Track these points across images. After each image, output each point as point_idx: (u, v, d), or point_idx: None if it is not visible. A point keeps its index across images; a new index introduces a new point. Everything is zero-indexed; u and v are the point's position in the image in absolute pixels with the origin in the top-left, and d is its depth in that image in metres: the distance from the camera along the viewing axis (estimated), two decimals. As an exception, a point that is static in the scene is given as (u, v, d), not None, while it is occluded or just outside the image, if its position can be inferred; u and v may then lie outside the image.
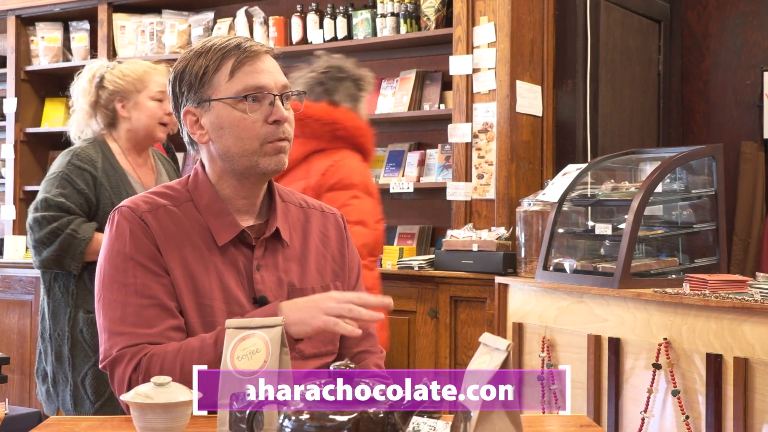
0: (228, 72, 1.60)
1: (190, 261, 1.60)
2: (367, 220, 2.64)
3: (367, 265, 2.69)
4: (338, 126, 2.68)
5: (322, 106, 2.72)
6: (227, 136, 1.62)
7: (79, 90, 2.77)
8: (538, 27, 4.07)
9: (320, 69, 2.78)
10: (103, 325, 1.59)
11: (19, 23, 5.24)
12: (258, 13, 4.71)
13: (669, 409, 2.79)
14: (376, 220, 2.74)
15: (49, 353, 2.62)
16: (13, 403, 4.18)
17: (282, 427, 1.08)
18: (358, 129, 2.72)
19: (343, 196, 2.60)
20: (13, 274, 4.60)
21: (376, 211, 2.73)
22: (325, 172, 2.64)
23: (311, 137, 2.69)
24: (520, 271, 3.63)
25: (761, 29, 4.77)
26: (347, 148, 2.72)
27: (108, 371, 1.57)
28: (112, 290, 1.58)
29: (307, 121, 2.66)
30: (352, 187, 2.63)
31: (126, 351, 1.54)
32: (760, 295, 2.66)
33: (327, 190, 2.62)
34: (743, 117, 4.79)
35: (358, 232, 2.57)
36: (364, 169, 2.73)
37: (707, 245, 3.39)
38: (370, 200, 2.68)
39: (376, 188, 2.77)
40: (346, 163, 2.67)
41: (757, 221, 4.64)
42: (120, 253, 1.59)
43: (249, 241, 1.65)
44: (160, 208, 1.64)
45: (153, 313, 1.56)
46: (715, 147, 3.32)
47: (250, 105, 1.60)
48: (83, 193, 2.59)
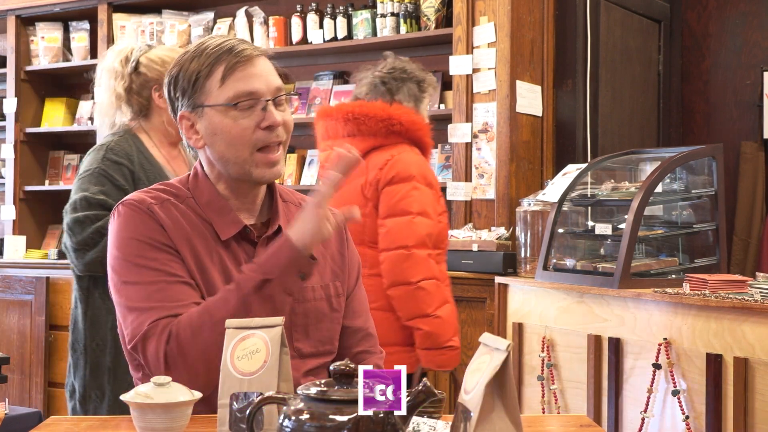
0: (219, 78, 1.60)
1: (198, 250, 1.60)
2: (428, 211, 2.67)
3: (434, 257, 2.71)
4: (394, 121, 2.72)
5: (377, 104, 2.77)
6: (220, 143, 1.62)
7: (108, 72, 2.57)
8: (538, 27, 4.07)
9: (385, 69, 2.85)
10: (128, 307, 1.56)
11: (19, 23, 5.24)
12: (258, 13, 4.71)
13: (669, 409, 2.79)
14: (439, 212, 2.77)
15: (80, 366, 2.43)
16: (13, 403, 4.18)
17: (282, 427, 1.08)
18: (413, 123, 2.75)
19: (402, 189, 2.65)
20: (13, 274, 4.60)
21: (437, 202, 2.76)
22: (383, 167, 2.68)
23: (368, 134, 2.73)
24: (520, 271, 3.63)
25: (761, 29, 4.77)
26: (404, 143, 2.75)
27: (140, 349, 1.53)
28: (132, 274, 1.56)
29: (363, 119, 2.72)
30: (411, 179, 2.65)
31: (158, 323, 1.52)
32: (760, 295, 2.66)
33: (386, 184, 2.66)
34: (743, 117, 4.79)
35: (420, 222, 2.62)
36: (422, 161, 2.75)
37: (707, 245, 3.39)
38: (430, 191, 2.70)
39: (436, 181, 2.80)
40: (403, 156, 2.70)
41: (757, 221, 4.64)
42: (132, 239, 1.58)
43: (251, 237, 1.65)
44: (165, 201, 1.63)
45: (180, 289, 1.55)
46: (715, 147, 3.32)
47: (242, 112, 1.60)
48: (123, 189, 2.40)
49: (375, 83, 2.83)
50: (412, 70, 2.87)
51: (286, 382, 1.33)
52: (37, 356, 4.41)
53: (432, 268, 2.63)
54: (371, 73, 2.87)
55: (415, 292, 2.59)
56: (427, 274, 2.61)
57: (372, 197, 2.69)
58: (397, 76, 2.83)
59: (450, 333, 2.60)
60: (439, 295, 2.62)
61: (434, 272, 2.63)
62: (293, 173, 4.63)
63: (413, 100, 2.84)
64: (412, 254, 2.60)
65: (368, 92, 2.84)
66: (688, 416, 2.70)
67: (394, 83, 2.82)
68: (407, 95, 2.82)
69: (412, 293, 2.59)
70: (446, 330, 2.59)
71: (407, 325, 2.62)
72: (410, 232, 2.61)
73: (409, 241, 2.61)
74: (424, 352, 2.59)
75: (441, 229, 2.76)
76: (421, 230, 2.62)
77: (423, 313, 2.59)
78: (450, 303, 2.66)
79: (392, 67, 2.86)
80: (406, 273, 2.60)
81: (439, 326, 2.59)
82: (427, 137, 2.81)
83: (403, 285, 2.60)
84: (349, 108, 2.78)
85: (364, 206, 2.68)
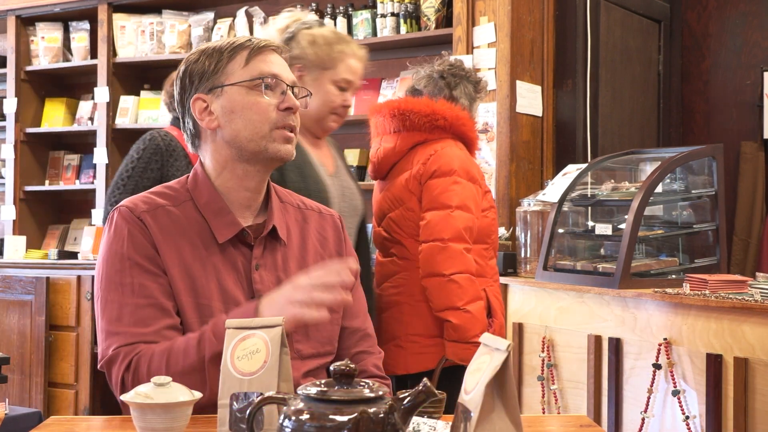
0: (243, 60, 1.65)
1: (189, 261, 1.61)
2: (469, 205, 2.66)
3: (477, 251, 2.70)
4: (438, 116, 2.74)
5: (423, 100, 2.80)
6: (238, 120, 1.64)
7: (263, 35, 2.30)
8: (538, 27, 4.07)
9: (444, 65, 2.88)
10: (101, 326, 1.60)
11: (19, 23, 5.24)
12: (258, 13, 4.71)
13: (669, 409, 2.79)
14: (485, 207, 2.76)
15: None
16: (13, 403, 4.18)
17: (282, 427, 1.08)
18: (458, 119, 2.76)
19: (443, 182, 2.66)
20: (13, 274, 4.60)
21: (482, 198, 2.76)
22: (426, 161, 2.70)
23: (413, 130, 2.76)
24: (520, 271, 3.63)
25: (761, 29, 4.77)
26: (448, 138, 2.76)
27: (105, 371, 1.58)
28: (110, 290, 1.59)
29: (408, 115, 2.75)
30: (452, 173, 2.66)
31: (120, 350, 1.55)
32: (760, 295, 2.66)
33: (429, 178, 2.68)
34: (743, 117, 4.79)
35: (458, 216, 2.62)
36: (465, 156, 2.75)
37: (707, 245, 3.39)
38: (473, 186, 2.70)
39: (481, 176, 2.79)
40: (446, 151, 2.71)
41: (757, 221, 4.64)
42: (117, 253, 1.60)
43: (248, 240, 1.65)
44: (159, 208, 1.64)
45: (149, 312, 1.57)
46: (715, 147, 3.32)
47: (265, 90, 1.64)
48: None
49: (434, 77, 2.86)
50: (469, 70, 2.91)
51: (286, 382, 1.33)
52: (37, 356, 4.41)
53: (467, 262, 2.62)
54: (430, 67, 2.90)
55: (447, 285, 2.59)
56: (460, 267, 2.60)
57: (416, 191, 2.71)
58: (456, 73, 2.86)
59: (478, 329, 2.59)
60: (472, 290, 2.61)
61: (469, 266, 2.62)
62: (293, 173, 4.63)
63: (468, 99, 2.86)
64: (447, 247, 2.60)
65: (426, 85, 2.86)
66: (688, 416, 2.70)
67: (452, 79, 2.85)
68: (464, 93, 2.85)
69: (444, 285, 2.59)
70: (474, 325, 2.59)
71: (438, 316, 2.63)
72: (447, 225, 2.62)
73: (445, 234, 2.61)
74: (450, 344, 2.60)
75: (487, 224, 2.76)
76: (458, 224, 2.62)
77: (453, 305, 2.59)
78: (482, 300, 2.65)
79: (451, 63, 2.90)
80: (440, 265, 2.60)
81: (468, 321, 2.58)
82: (471, 132, 2.82)
83: (436, 276, 2.60)
84: (396, 104, 2.82)
85: (408, 200, 2.72)
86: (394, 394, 1.15)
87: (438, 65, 2.90)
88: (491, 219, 2.79)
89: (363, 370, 1.72)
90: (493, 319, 2.71)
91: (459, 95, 2.85)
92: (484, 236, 2.76)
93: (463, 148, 2.79)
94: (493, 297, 2.74)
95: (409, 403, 1.10)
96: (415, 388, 1.11)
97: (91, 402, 4.36)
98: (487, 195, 2.81)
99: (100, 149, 4.97)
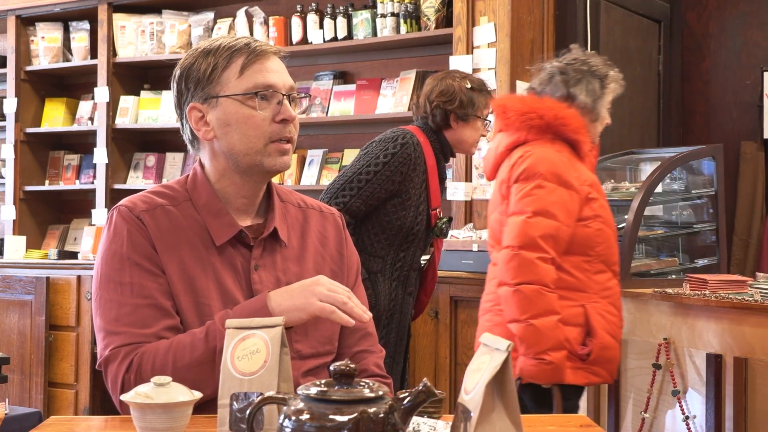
0: (238, 69, 1.62)
1: (187, 261, 1.60)
2: (553, 211, 2.45)
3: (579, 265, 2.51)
4: (533, 115, 2.55)
5: (525, 98, 2.66)
6: (233, 133, 1.62)
7: None
8: (538, 27, 4.07)
9: (566, 60, 2.69)
10: (99, 325, 1.59)
11: (19, 23, 5.24)
12: (258, 13, 4.71)
13: (669, 409, 2.79)
14: (584, 216, 2.53)
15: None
16: (13, 403, 4.18)
17: (282, 427, 1.08)
18: (557, 118, 2.55)
19: (525, 187, 2.49)
20: (13, 274, 4.60)
21: (581, 204, 2.52)
22: (515, 163, 2.55)
23: (512, 129, 2.61)
24: (520, 271, 3.62)
25: (761, 29, 4.78)
26: (547, 139, 2.57)
27: (102, 370, 1.58)
28: (108, 290, 1.58)
29: (508, 113, 2.60)
30: (536, 177, 2.48)
31: (120, 350, 1.54)
32: (760, 295, 2.66)
33: (514, 182, 2.53)
34: (743, 117, 4.79)
35: (536, 223, 2.44)
36: (560, 159, 2.52)
37: (707, 245, 3.40)
38: (565, 192, 2.48)
39: (585, 182, 2.55)
40: (535, 152, 2.53)
41: (757, 221, 4.64)
42: (117, 253, 1.59)
43: (247, 241, 1.65)
44: (158, 208, 1.64)
45: (148, 312, 1.56)
46: (715, 147, 3.32)
47: (259, 102, 1.61)
48: None
49: (552, 73, 2.67)
50: (596, 64, 2.67)
51: (286, 382, 1.33)
52: (37, 356, 4.40)
53: (539, 272, 2.41)
54: (552, 63, 2.71)
55: (513, 295, 2.42)
56: (529, 278, 2.41)
57: (506, 194, 2.57)
58: (578, 68, 2.64)
59: (545, 344, 2.38)
60: (542, 303, 2.40)
61: (542, 277, 2.41)
62: (293, 173, 4.63)
63: (591, 96, 2.63)
64: (518, 255, 2.42)
65: (542, 83, 2.68)
66: (688, 416, 2.70)
67: (572, 75, 2.64)
68: (585, 90, 2.62)
69: (510, 295, 2.43)
70: (539, 341, 2.38)
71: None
72: (520, 232, 2.44)
73: (515, 241, 2.44)
74: (520, 359, 2.42)
75: (588, 235, 2.52)
76: (533, 231, 2.43)
77: (515, 317, 2.42)
78: (557, 315, 2.42)
79: (574, 58, 2.68)
80: (509, 273, 2.44)
81: (532, 335, 2.39)
82: (573, 133, 2.57)
83: (505, 285, 2.46)
84: (502, 101, 2.68)
85: (501, 203, 2.59)
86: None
87: (559, 60, 2.70)
88: (595, 229, 2.53)
89: (364, 369, 1.71)
90: (591, 338, 2.48)
91: (578, 93, 2.62)
92: (585, 248, 2.52)
93: (562, 150, 2.56)
94: (596, 315, 2.50)
95: (409, 403, 1.10)
96: (415, 388, 1.11)
97: (91, 402, 4.35)
98: (593, 203, 2.55)
99: (100, 149, 4.97)
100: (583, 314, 2.49)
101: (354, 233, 2.87)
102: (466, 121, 2.93)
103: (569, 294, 2.48)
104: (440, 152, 2.97)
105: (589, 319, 2.48)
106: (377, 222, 2.88)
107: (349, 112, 4.44)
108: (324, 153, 4.61)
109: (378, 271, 2.89)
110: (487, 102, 2.96)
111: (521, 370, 2.42)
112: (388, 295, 2.90)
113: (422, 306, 3.13)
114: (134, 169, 5.14)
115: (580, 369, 2.48)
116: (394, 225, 2.87)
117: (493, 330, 2.50)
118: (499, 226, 2.59)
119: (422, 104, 2.98)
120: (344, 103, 4.47)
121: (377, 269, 2.89)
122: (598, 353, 2.47)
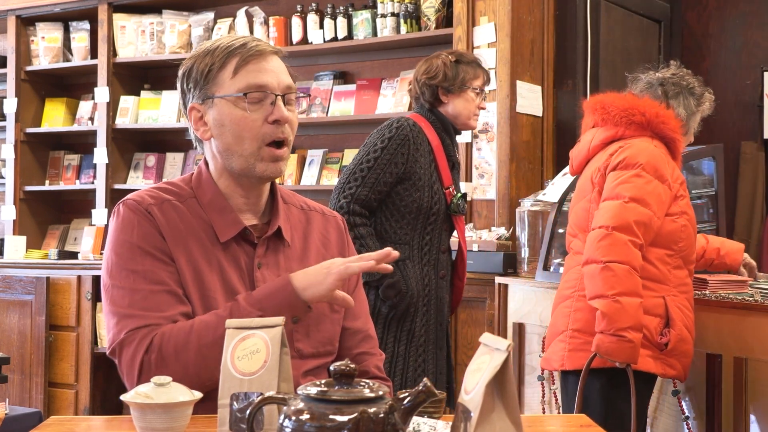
0: (232, 70, 1.62)
1: (194, 254, 1.61)
2: (648, 200, 2.49)
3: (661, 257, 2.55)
4: (635, 111, 2.61)
5: (624, 95, 2.71)
6: (227, 134, 1.63)
7: None
8: (538, 27, 4.07)
9: (668, 73, 2.79)
10: (112, 311, 1.58)
11: (19, 23, 5.24)
12: (258, 13, 4.71)
13: (669, 409, 2.79)
14: (672, 211, 2.57)
15: None
16: (13, 403, 4.18)
17: (282, 427, 1.08)
18: (657, 116, 2.62)
19: (624, 174, 2.53)
20: (13, 274, 4.60)
21: (673, 200, 2.57)
22: (614, 152, 2.59)
23: (610, 124, 2.66)
24: (520, 271, 3.63)
25: (761, 29, 4.77)
26: (646, 136, 2.63)
27: (116, 355, 1.56)
28: (121, 278, 1.58)
29: (609, 108, 2.66)
30: (636, 166, 2.52)
31: (136, 332, 1.54)
32: (760, 295, 2.66)
33: (612, 169, 2.57)
34: (743, 117, 4.79)
35: (632, 208, 2.47)
36: (659, 154, 2.58)
37: (707, 245, 3.38)
38: (660, 185, 2.53)
39: (673, 177, 2.59)
40: (636, 144, 2.59)
41: (757, 221, 4.64)
42: (126, 242, 1.59)
43: (251, 238, 1.66)
44: (165, 202, 1.64)
45: (163, 298, 1.56)
46: (716, 147, 3.32)
47: (251, 105, 1.61)
48: None
49: (652, 83, 2.76)
50: (693, 83, 2.78)
51: (286, 382, 1.33)
52: (37, 356, 4.41)
53: (629, 254, 2.43)
54: (652, 74, 2.80)
55: (601, 271, 2.43)
56: (620, 257, 2.42)
57: (599, 182, 2.60)
58: (677, 83, 2.75)
59: (626, 322, 2.39)
60: (629, 283, 2.41)
61: (631, 259, 2.43)
62: (293, 173, 4.63)
63: (687, 111, 2.75)
64: (611, 234, 2.44)
65: (642, 89, 2.76)
66: (688, 416, 2.70)
67: (671, 88, 2.74)
68: (681, 104, 2.74)
69: (598, 271, 2.44)
70: (622, 317, 2.39)
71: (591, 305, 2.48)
72: (616, 213, 2.47)
73: (612, 221, 2.46)
74: (599, 336, 2.43)
75: (674, 230, 2.56)
76: (628, 215, 2.46)
77: (601, 293, 2.42)
78: (641, 298, 2.43)
79: (673, 73, 2.79)
80: (599, 250, 2.44)
81: (617, 311, 2.39)
82: (672, 132, 2.63)
83: (593, 262, 2.46)
84: (599, 98, 2.73)
85: (590, 191, 2.62)
86: None
87: (660, 72, 2.79)
88: (680, 225, 2.58)
89: (364, 371, 1.71)
90: (669, 329, 2.51)
91: (675, 105, 2.73)
92: (669, 242, 2.56)
93: (660, 146, 2.62)
94: (675, 307, 2.54)
95: (409, 403, 1.10)
96: (415, 388, 1.11)
97: (91, 402, 4.36)
98: (680, 201, 2.60)
99: (100, 149, 4.97)
100: (662, 305, 2.53)
101: (373, 224, 2.90)
102: (454, 92, 2.98)
103: (650, 284, 2.51)
104: (443, 131, 2.99)
105: (668, 311, 2.53)
106: (394, 209, 2.89)
107: (349, 112, 4.44)
108: (324, 153, 4.61)
109: (406, 258, 2.89)
110: (477, 73, 3.02)
111: (598, 347, 2.43)
112: (420, 280, 2.90)
113: (459, 292, 3.13)
114: (134, 169, 5.14)
115: (658, 359, 2.51)
116: (411, 208, 2.89)
117: (576, 315, 2.55)
118: (585, 214, 2.63)
119: (413, 87, 3.06)
120: (344, 103, 4.47)
121: (404, 256, 2.88)
122: (675, 344, 2.51)
